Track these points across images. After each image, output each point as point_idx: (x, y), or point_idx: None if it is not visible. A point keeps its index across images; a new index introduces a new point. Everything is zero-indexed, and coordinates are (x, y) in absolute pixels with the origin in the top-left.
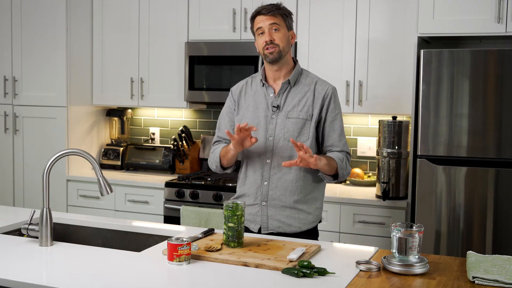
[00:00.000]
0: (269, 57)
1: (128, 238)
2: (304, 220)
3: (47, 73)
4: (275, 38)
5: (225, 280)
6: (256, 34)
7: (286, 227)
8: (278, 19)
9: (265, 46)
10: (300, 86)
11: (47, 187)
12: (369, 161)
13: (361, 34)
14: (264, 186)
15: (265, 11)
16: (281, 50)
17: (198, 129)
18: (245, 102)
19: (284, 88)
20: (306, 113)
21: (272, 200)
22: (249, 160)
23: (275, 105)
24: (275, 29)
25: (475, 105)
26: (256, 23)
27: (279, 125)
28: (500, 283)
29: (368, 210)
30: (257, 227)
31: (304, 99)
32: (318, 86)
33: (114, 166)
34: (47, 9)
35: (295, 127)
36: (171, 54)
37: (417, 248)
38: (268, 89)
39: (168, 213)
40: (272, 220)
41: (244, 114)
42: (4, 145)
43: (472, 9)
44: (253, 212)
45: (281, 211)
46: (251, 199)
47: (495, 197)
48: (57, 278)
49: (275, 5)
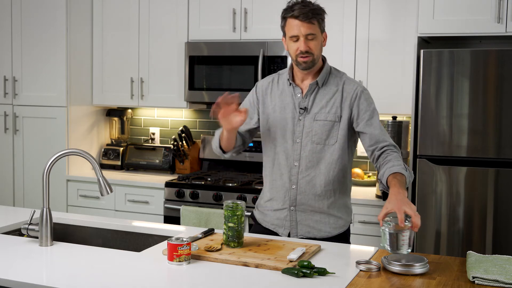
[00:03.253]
0: (302, 65)
1: (128, 238)
2: (334, 225)
3: (47, 73)
4: (311, 47)
5: (225, 280)
6: (289, 38)
7: (316, 232)
8: (315, 27)
9: (299, 54)
10: (329, 87)
11: (47, 187)
12: (369, 161)
13: (361, 34)
14: (292, 190)
15: (303, 17)
16: (315, 58)
17: (198, 129)
18: (271, 101)
19: (312, 89)
20: (334, 114)
21: (301, 205)
22: (276, 163)
23: (302, 106)
24: (311, 39)
25: (475, 105)
26: (289, 26)
27: (307, 127)
28: (500, 283)
29: (368, 210)
30: (286, 232)
31: (332, 100)
32: (347, 86)
33: (114, 166)
34: (47, 9)
35: (323, 130)
36: (171, 54)
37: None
38: (296, 89)
39: (168, 213)
40: (302, 225)
41: (271, 114)
42: (4, 145)
43: (472, 9)
44: (281, 217)
45: (310, 216)
46: (279, 204)
47: (495, 197)
48: (57, 278)
49: (311, 8)
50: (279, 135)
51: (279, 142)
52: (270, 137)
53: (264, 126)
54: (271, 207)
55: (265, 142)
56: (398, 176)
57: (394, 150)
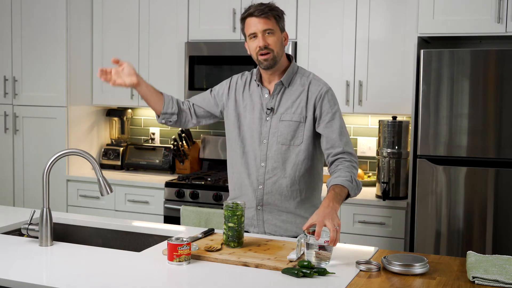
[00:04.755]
0: (263, 63)
1: (128, 238)
2: (300, 225)
3: (47, 73)
4: (270, 43)
5: (225, 280)
6: (248, 38)
7: (282, 232)
8: (271, 22)
9: (258, 51)
10: (295, 87)
11: (47, 187)
12: (369, 161)
13: (361, 34)
14: (259, 190)
15: (258, 12)
16: (276, 55)
17: (198, 129)
18: (243, 101)
19: (277, 89)
20: (299, 115)
21: (268, 205)
22: (244, 162)
23: (269, 107)
24: (269, 33)
25: (475, 105)
26: (247, 26)
27: (273, 128)
28: (500, 283)
29: (368, 210)
30: (257, 231)
31: (298, 101)
32: (312, 86)
33: (114, 166)
34: (47, 9)
35: (288, 130)
36: (171, 54)
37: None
38: (263, 90)
39: (168, 213)
40: (268, 225)
41: (242, 114)
42: (4, 145)
43: (472, 9)
44: (249, 216)
45: (277, 216)
46: (247, 203)
47: (495, 197)
48: (57, 278)
49: (267, 5)
50: (248, 135)
51: (248, 142)
52: (240, 136)
53: (235, 124)
54: None
55: (233, 140)
56: (337, 189)
57: (347, 159)
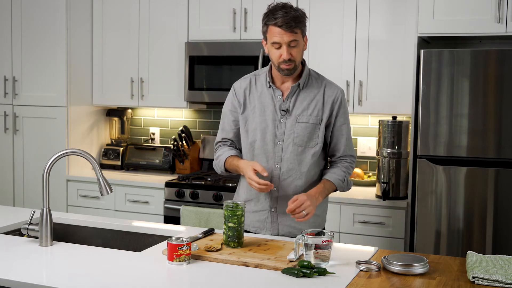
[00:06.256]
0: (284, 72)
1: (128, 238)
2: (313, 223)
3: (47, 73)
4: (294, 55)
5: (225, 280)
6: (270, 44)
7: (297, 232)
8: (297, 35)
9: (282, 62)
10: (310, 89)
11: (47, 187)
12: (369, 161)
13: (361, 34)
14: (274, 192)
15: (286, 27)
16: (297, 64)
17: (198, 129)
18: (250, 103)
19: (293, 91)
20: (316, 117)
21: (282, 206)
22: None
23: (284, 108)
24: (294, 45)
25: (475, 105)
26: (271, 32)
27: (288, 129)
28: (500, 283)
29: (368, 210)
30: (269, 233)
31: (313, 103)
32: (328, 89)
33: (114, 166)
34: (47, 9)
35: (305, 132)
36: (171, 54)
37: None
38: (276, 91)
39: (168, 213)
40: (283, 226)
41: (250, 116)
42: (4, 145)
43: (472, 9)
44: (261, 219)
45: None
46: (259, 206)
47: (495, 197)
48: (57, 278)
49: (294, 17)
50: (258, 137)
51: (258, 144)
52: (248, 139)
53: (243, 127)
54: (250, 209)
55: (243, 144)
56: (327, 184)
57: (347, 161)
